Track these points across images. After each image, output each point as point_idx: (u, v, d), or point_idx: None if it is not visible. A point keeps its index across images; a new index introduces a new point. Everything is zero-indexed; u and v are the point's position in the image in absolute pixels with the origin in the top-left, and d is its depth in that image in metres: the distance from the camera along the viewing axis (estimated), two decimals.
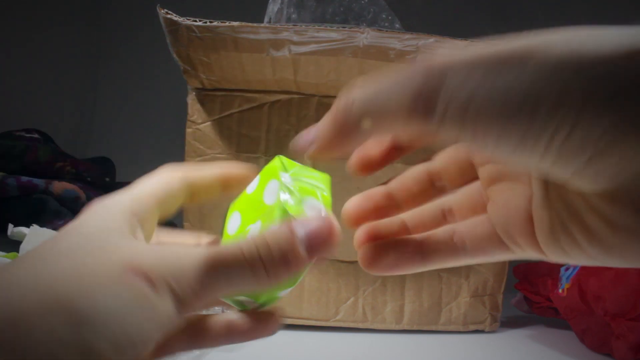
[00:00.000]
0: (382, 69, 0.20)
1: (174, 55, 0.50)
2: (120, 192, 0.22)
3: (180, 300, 0.18)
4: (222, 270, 0.19)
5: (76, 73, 1.00)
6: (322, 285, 0.53)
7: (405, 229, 0.24)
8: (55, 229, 0.57)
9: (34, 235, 0.45)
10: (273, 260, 0.19)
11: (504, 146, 0.16)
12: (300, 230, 0.19)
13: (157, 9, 0.46)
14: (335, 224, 0.20)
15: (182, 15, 0.47)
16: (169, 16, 0.47)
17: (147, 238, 0.22)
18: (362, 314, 0.53)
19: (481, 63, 0.15)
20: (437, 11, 0.94)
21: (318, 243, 0.19)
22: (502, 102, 0.15)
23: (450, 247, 0.22)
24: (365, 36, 0.46)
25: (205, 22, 0.47)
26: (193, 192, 0.24)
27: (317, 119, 0.20)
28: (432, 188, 0.24)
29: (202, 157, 0.53)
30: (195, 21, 0.47)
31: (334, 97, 0.62)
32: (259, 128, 0.53)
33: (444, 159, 0.24)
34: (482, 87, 0.15)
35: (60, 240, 0.19)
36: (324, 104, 0.53)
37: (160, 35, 0.49)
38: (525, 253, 0.20)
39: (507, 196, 0.20)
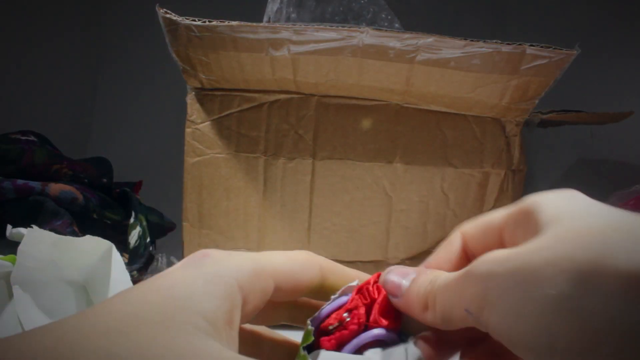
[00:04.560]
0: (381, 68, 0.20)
1: (173, 55, 0.50)
2: (239, 254, 0.20)
3: None
4: None
5: (75, 72, 1.00)
6: None
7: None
8: (53, 229, 0.56)
9: (31, 237, 0.45)
10: None
11: None
12: None
13: (156, 8, 0.46)
14: None
15: (181, 14, 0.47)
16: (167, 15, 0.46)
17: (247, 317, 0.20)
18: None
19: None
20: (437, 11, 0.94)
21: None
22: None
23: None
24: (365, 36, 0.46)
25: (204, 22, 0.46)
26: (325, 284, 0.23)
27: (317, 118, 0.20)
28: None
29: (202, 157, 0.53)
30: (195, 20, 0.47)
31: (334, 96, 0.62)
32: (259, 128, 0.53)
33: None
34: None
35: (131, 314, 0.16)
36: (323, 103, 0.53)
37: (159, 35, 0.49)
38: None
39: None
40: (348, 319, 0.22)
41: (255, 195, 0.53)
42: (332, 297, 0.23)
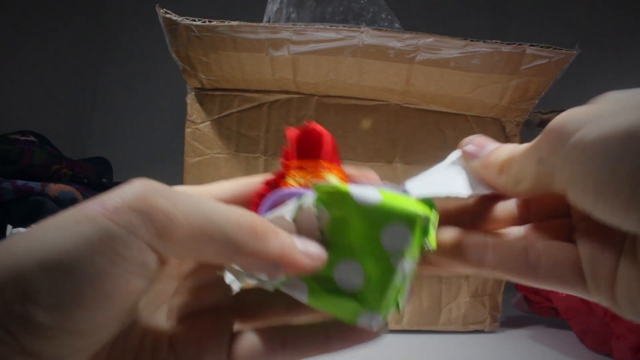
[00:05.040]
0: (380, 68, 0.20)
1: (173, 55, 0.50)
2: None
3: (160, 237, 0.16)
4: (220, 228, 0.17)
5: (75, 72, 1.00)
6: None
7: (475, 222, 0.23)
8: None
9: None
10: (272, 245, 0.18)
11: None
12: (300, 244, 0.19)
13: (156, 8, 0.46)
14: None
15: (181, 14, 0.47)
16: (167, 16, 0.46)
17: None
18: None
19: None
20: (437, 11, 0.94)
21: (306, 261, 0.19)
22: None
23: (522, 261, 0.20)
24: (365, 36, 0.46)
25: (204, 22, 0.46)
26: None
27: (317, 118, 0.20)
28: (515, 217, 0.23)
29: (202, 157, 0.53)
30: (194, 21, 0.46)
31: (333, 96, 0.62)
32: (258, 128, 0.53)
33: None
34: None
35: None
36: (323, 103, 0.53)
37: (159, 35, 0.49)
38: (601, 299, 0.19)
39: (600, 237, 0.19)
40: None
41: None
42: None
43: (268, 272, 0.19)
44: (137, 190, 0.16)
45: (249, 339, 0.21)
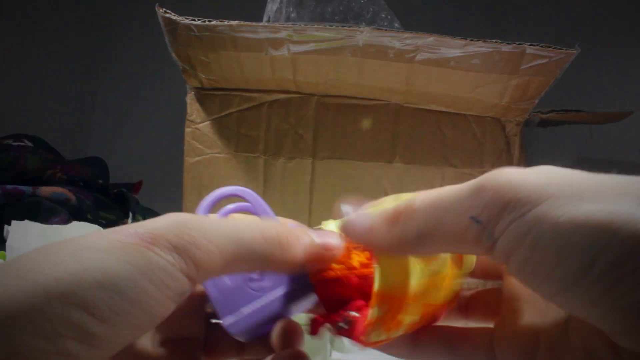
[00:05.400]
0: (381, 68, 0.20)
1: (173, 55, 0.50)
2: None
3: (197, 268, 0.17)
4: (245, 241, 0.19)
5: (74, 72, 1.00)
6: None
7: None
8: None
9: (17, 231, 0.44)
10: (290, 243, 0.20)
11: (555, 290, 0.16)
12: (317, 237, 0.21)
13: (156, 8, 0.46)
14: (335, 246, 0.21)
15: (180, 14, 0.47)
16: (167, 15, 0.46)
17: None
18: None
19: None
20: (437, 11, 0.94)
21: (322, 252, 0.21)
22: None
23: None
24: (365, 35, 0.46)
25: (204, 21, 0.46)
26: None
27: (317, 118, 0.20)
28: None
29: (201, 156, 0.53)
30: (194, 20, 0.46)
31: (333, 96, 0.61)
32: (258, 127, 0.53)
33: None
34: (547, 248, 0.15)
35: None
36: (323, 103, 0.52)
37: (159, 35, 0.49)
38: None
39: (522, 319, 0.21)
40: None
41: None
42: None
43: (294, 272, 0.21)
44: (169, 225, 0.18)
45: None
